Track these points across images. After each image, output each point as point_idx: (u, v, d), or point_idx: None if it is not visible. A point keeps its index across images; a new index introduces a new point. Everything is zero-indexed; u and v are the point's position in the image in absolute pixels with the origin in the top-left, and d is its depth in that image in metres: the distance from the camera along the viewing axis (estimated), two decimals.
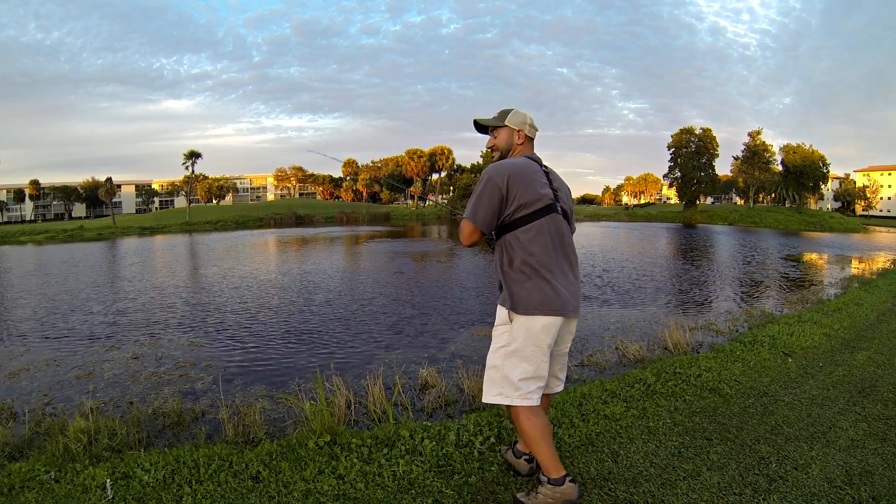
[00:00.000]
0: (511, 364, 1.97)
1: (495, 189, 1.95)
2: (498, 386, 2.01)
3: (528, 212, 1.96)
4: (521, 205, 1.95)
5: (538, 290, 1.95)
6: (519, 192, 1.96)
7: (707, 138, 50.46)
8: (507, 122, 2.13)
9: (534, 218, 1.97)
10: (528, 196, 1.96)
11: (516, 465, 2.36)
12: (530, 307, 1.94)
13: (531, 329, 1.95)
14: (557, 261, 2.00)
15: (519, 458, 2.36)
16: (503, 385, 2.00)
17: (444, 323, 7.32)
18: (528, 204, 1.96)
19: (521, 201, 1.95)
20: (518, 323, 1.96)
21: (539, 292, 1.95)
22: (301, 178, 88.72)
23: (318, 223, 46.60)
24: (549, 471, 2.01)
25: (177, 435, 3.64)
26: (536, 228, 1.97)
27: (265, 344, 6.37)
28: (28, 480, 2.44)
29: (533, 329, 1.95)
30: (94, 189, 61.87)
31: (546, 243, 1.98)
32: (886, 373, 3.76)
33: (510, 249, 2.00)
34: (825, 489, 2.19)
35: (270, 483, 2.32)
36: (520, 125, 2.14)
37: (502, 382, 2.00)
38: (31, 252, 24.21)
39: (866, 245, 23.87)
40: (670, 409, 3.09)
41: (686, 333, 5.61)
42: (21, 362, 5.79)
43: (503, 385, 2.00)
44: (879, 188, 69.35)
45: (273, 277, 12.50)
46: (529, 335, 1.95)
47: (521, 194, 1.96)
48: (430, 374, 4.45)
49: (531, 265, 1.96)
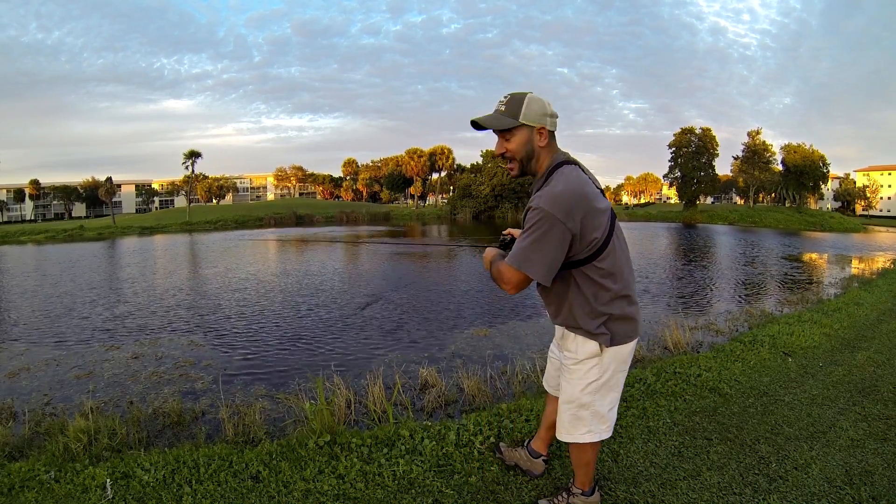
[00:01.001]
0: (601, 397, 1.78)
1: (565, 234, 1.54)
2: (588, 424, 1.80)
3: (605, 235, 1.63)
4: (596, 237, 1.60)
5: (630, 317, 1.74)
6: (593, 222, 1.58)
7: (707, 138, 50.42)
8: (523, 119, 1.61)
9: (609, 241, 1.65)
10: (599, 221, 1.60)
11: (532, 467, 2.29)
12: (623, 335, 1.74)
13: (619, 356, 1.76)
14: (631, 276, 1.76)
15: (537, 459, 2.29)
16: (594, 422, 1.80)
17: (444, 323, 7.32)
18: (602, 226, 1.61)
19: (595, 233, 1.59)
20: (609, 354, 1.74)
21: (631, 320, 1.74)
22: (301, 178, 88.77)
23: (318, 223, 46.58)
24: (584, 485, 1.99)
25: (177, 435, 3.65)
26: (612, 249, 1.66)
27: (265, 344, 6.37)
28: (28, 480, 2.44)
29: (621, 356, 1.77)
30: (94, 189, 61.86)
31: (622, 261, 1.71)
32: (886, 373, 3.76)
33: (591, 283, 1.66)
34: (825, 489, 2.19)
35: (270, 483, 2.32)
36: (540, 119, 1.62)
37: (593, 419, 1.80)
38: (31, 252, 24.21)
39: (866, 245, 23.87)
40: (670, 408, 3.09)
41: (686, 333, 5.61)
42: (21, 362, 5.79)
43: (594, 422, 1.80)
44: (879, 188, 69.34)
45: (273, 277, 12.50)
46: (618, 363, 1.78)
47: (594, 224, 1.59)
48: (430, 373, 4.45)
49: (620, 294, 1.69)
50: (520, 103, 1.61)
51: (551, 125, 1.64)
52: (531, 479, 2.27)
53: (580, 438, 1.82)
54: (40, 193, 75.25)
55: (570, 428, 1.82)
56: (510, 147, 1.65)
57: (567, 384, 1.81)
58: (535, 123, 1.62)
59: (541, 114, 1.62)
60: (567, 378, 1.81)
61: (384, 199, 74.87)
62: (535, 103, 1.61)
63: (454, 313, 7.91)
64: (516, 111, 1.60)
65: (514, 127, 1.62)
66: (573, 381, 1.79)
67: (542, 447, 2.29)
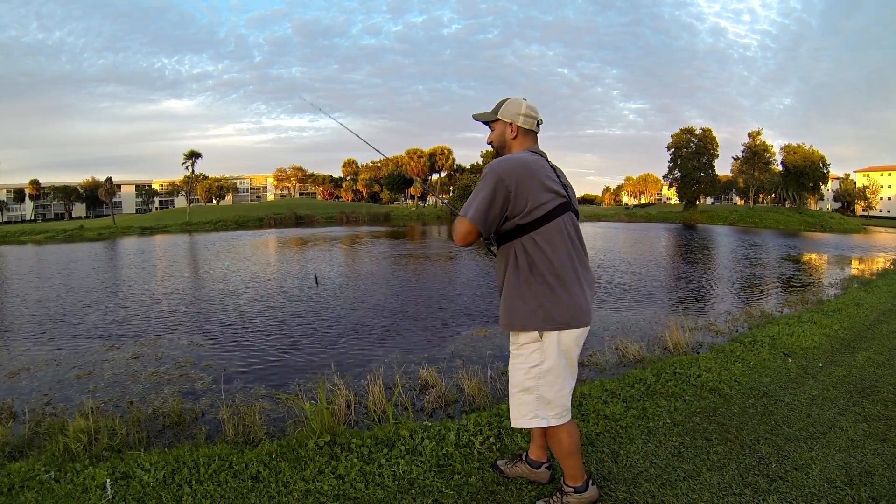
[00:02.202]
0: (546, 383, 1.82)
1: (500, 186, 1.73)
2: (533, 409, 1.84)
3: (544, 212, 1.77)
4: (536, 205, 1.75)
5: (566, 300, 1.78)
6: (531, 191, 1.75)
7: (707, 138, 50.48)
8: (499, 115, 1.92)
9: (550, 218, 1.78)
10: (542, 194, 1.77)
11: (537, 477, 2.23)
12: (562, 321, 1.78)
13: (563, 343, 1.81)
14: (578, 264, 1.84)
15: (539, 468, 2.23)
16: (539, 407, 1.84)
17: (444, 323, 7.32)
18: (544, 203, 1.76)
19: (534, 201, 1.75)
20: (550, 339, 1.80)
21: (568, 303, 1.79)
22: (301, 179, 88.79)
23: (318, 223, 46.59)
24: (575, 480, 1.97)
25: (177, 435, 3.65)
26: (555, 230, 1.79)
27: (265, 344, 6.37)
28: (28, 480, 2.44)
29: (565, 343, 1.81)
30: (94, 189, 61.85)
31: (567, 246, 1.81)
32: (886, 373, 3.76)
33: (526, 256, 1.79)
34: (825, 489, 2.19)
35: (270, 483, 2.32)
36: (511, 116, 1.89)
37: (537, 404, 1.84)
38: (31, 252, 24.21)
39: (866, 245, 23.87)
40: (670, 409, 3.09)
41: (686, 334, 5.61)
42: (21, 362, 5.79)
43: (539, 407, 1.84)
44: (879, 188, 69.37)
45: (273, 278, 12.50)
46: (562, 350, 1.82)
47: (534, 193, 1.75)
48: (430, 374, 4.45)
49: (555, 273, 1.78)
50: (501, 104, 1.95)
51: (523, 122, 1.90)
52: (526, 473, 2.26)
53: (527, 424, 1.88)
54: (40, 193, 75.24)
55: (517, 413, 1.89)
56: (491, 136, 2.01)
57: (511, 369, 1.92)
58: (507, 119, 1.92)
59: (514, 112, 1.91)
60: (511, 363, 1.92)
61: (384, 200, 74.88)
62: (513, 104, 1.92)
63: (454, 313, 7.91)
64: (497, 109, 1.95)
65: (493, 120, 1.97)
66: (516, 365, 1.89)
67: (541, 455, 2.24)
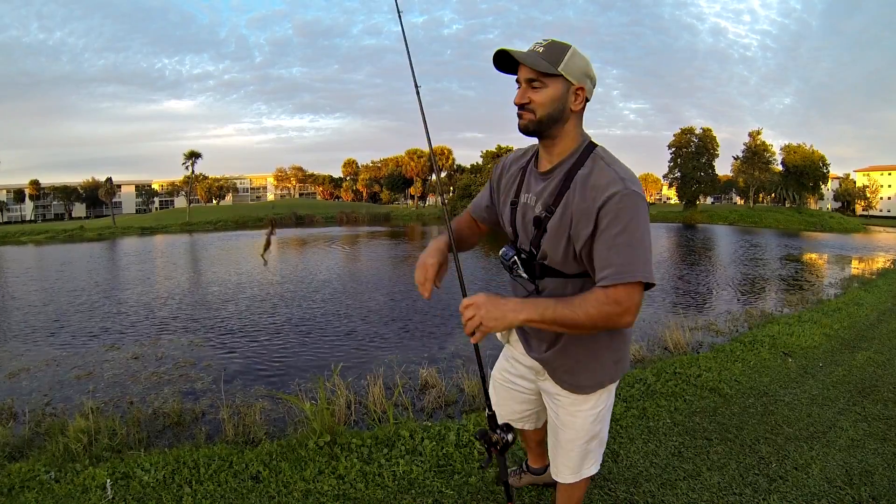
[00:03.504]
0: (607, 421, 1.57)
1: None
2: (596, 454, 1.56)
3: None
4: None
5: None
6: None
7: (707, 138, 50.43)
8: (562, 69, 1.21)
9: None
10: None
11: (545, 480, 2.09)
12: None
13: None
14: None
15: (544, 473, 2.09)
16: (599, 449, 1.57)
17: (444, 323, 7.32)
18: None
19: None
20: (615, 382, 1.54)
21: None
22: (301, 179, 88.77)
23: (318, 223, 46.57)
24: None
25: (177, 435, 3.65)
26: None
27: (265, 344, 6.37)
28: (28, 480, 2.44)
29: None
30: (94, 189, 61.80)
31: None
32: (886, 373, 3.76)
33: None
34: (825, 489, 2.19)
35: (270, 483, 2.32)
36: (581, 78, 1.24)
37: (599, 447, 1.56)
38: (31, 252, 24.21)
39: (866, 245, 23.87)
40: (670, 409, 3.09)
41: (686, 333, 5.61)
42: (21, 362, 5.79)
43: (599, 449, 1.57)
44: (879, 188, 69.33)
45: (273, 278, 12.50)
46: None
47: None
48: (430, 374, 4.46)
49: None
50: (562, 51, 1.22)
51: (589, 91, 1.28)
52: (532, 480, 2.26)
53: (587, 473, 1.57)
54: (40, 194, 75.23)
55: (580, 466, 1.54)
56: (536, 98, 1.23)
57: (573, 418, 1.49)
58: (575, 81, 1.23)
59: (583, 72, 1.25)
60: (572, 411, 1.49)
61: (384, 200, 74.85)
62: (580, 58, 1.24)
63: (454, 313, 7.91)
64: (556, 58, 1.21)
65: (550, 74, 1.21)
66: (580, 415, 1.48)
67: (541, 461, 2.13)
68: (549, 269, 1.32)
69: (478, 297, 1.19)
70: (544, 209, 1.28)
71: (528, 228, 1.35)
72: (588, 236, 1.19)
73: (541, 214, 1.29)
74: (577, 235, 1.22)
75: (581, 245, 1.21)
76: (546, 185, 1.30)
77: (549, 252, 1.29)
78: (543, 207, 1.29)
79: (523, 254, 1.37)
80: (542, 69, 1.21)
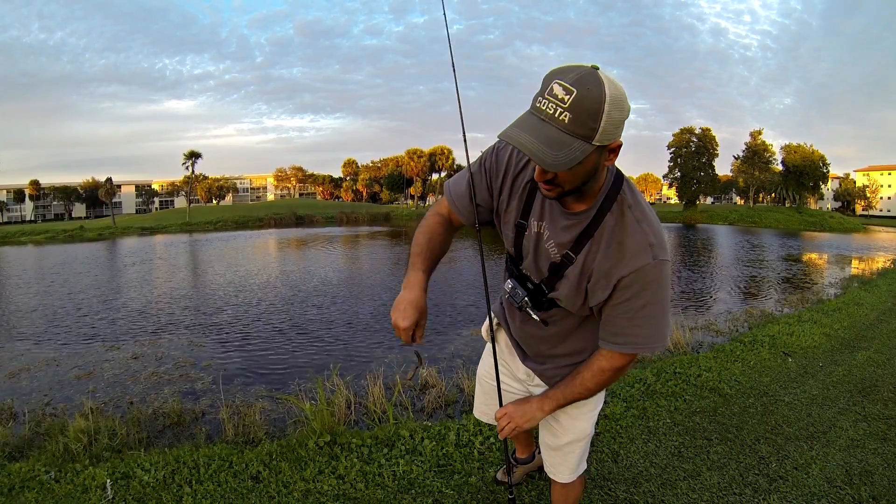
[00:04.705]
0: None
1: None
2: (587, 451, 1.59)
3: None
4: None
5: None
6: None
7: (707, 138, 50.43)
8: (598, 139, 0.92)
9: None
10: None
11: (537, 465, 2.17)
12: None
13: None
14: None
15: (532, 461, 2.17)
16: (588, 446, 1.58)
17: (444, 323, 7.32)
18: None
19: None
20: None
21: None
22: (301, 179, 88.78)
23: (318, 223, 46.55)
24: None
25: (177, 435, 3.65)
26: None
27: (265, 344, 6.37)
28: (28, 480, 2.44)
29: None
30: (94, 189, 61.77)
31: None
32: (886, 373, 3.76)
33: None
34: (825, 489, 2.19)
35: (270, 483, 2.32)
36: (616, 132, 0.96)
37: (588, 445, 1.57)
38: (31, 252, 24.21)
39: (866, 245, 23.87)
40: (670, 408, 3.09)
41: (686, 333, 5.61)
42: (21, 362, 5.79)
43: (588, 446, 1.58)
44: (879, 188, 69.35)
45: (273, 278, 12.50)
46: None
47: None
48: (430, 374, 4.45)
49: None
50: (595, 112, 0.89)
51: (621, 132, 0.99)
52: (532, 481, 2.27)
53: (582, 469, 1.61)
54: (40, 194, 75.21)
55: (578, 465, 1.57)
56: (564, 176, 1.00)
57: (575, 422, 1.49)
58: (611, 141, 0.96)
59: (620, 121, 0.94)
60: (574, 415, 1.48)
61: (384, 200, 74.83)
62: (616, 106, 0.91)
63: (454, 313, 7.91)
64: (590, 128, 0.90)
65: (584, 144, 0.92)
66: (584, 414, 1.48)
67: (528, 450, 2.18)
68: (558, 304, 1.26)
69: (507, 408, 1.39)
70: (562, 255, 1.17)
71: (540, 265, 1.24)
72: (603, 300, 1.14)
73: (557, 259, 1.18)
74: (592, 292, 1.15)
75: (595, 303, 1.16)
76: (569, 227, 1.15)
77: (564, 298, 1.21)
78: (561, 251, 1.17)
79: (529, 283, 1.27)
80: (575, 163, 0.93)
